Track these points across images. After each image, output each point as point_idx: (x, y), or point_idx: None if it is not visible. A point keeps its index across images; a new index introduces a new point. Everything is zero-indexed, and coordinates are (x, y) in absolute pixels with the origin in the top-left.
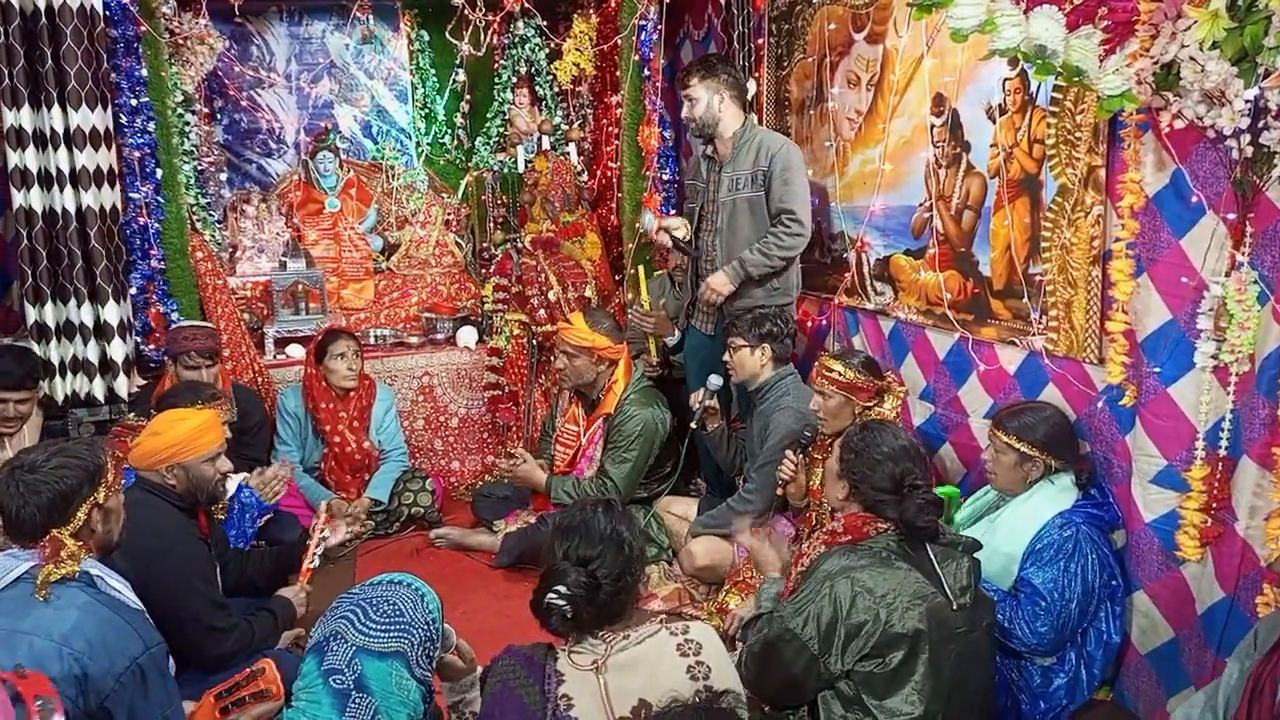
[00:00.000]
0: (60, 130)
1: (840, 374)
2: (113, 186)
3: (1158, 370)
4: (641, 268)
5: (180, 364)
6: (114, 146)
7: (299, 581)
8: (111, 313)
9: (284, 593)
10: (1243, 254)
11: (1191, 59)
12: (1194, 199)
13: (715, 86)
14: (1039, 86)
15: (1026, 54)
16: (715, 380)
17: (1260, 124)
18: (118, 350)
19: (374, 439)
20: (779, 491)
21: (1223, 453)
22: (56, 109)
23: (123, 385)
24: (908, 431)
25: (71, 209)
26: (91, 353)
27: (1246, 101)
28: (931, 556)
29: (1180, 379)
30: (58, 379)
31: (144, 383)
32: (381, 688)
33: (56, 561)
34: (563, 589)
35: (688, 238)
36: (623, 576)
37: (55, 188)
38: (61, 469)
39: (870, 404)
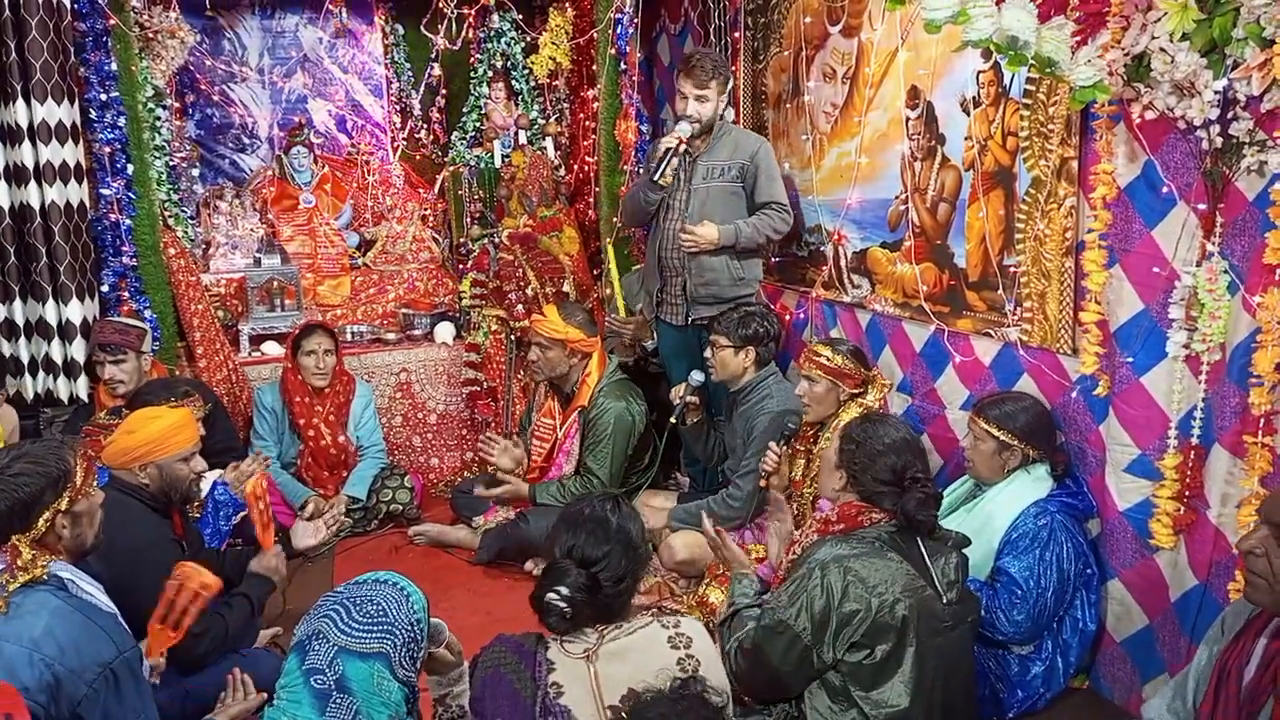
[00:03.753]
0: (24, 125)
1: (828, 359)
2: (80, 182)
3: (1130, 360)
4: (614, 271)
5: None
6: (81, 142)
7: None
8: (74, 312)
9: (255, 566)
10: (1213, 244)
11: (1162, 50)
12: (1165, 189)
13: (723, 90)
14: (1012, 79)
15: (999, 45)
16: (697, 376)
17: (1229, 115)
18: (79, 351)
19: (352, 435)
20: (761, 484)
21: (1195, 441)
22: (20, 103)
23: (82, 387)
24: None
25: (36, 205)
26: (55, 352)
27: (1216, 93)
28: (923, 550)
29: (1152, 368)
30: (27, 377)
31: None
32: (363, 689)
33: (14, 571)
34: (563, 589)
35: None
36: (625, 579)
37: (21, 183)
38: (22, 475)
39: (855, 391)
